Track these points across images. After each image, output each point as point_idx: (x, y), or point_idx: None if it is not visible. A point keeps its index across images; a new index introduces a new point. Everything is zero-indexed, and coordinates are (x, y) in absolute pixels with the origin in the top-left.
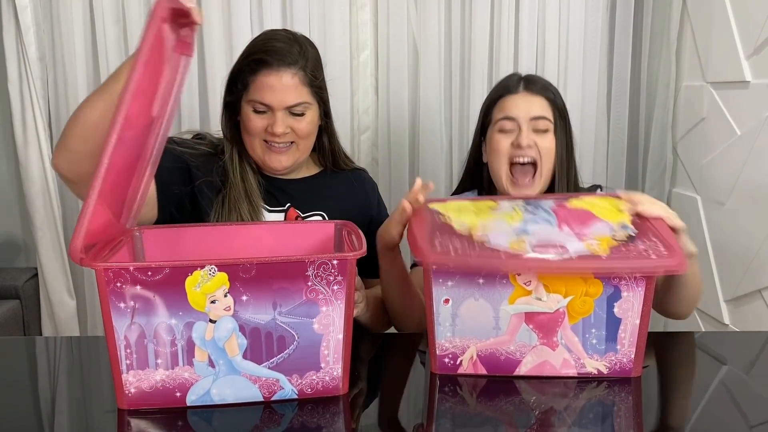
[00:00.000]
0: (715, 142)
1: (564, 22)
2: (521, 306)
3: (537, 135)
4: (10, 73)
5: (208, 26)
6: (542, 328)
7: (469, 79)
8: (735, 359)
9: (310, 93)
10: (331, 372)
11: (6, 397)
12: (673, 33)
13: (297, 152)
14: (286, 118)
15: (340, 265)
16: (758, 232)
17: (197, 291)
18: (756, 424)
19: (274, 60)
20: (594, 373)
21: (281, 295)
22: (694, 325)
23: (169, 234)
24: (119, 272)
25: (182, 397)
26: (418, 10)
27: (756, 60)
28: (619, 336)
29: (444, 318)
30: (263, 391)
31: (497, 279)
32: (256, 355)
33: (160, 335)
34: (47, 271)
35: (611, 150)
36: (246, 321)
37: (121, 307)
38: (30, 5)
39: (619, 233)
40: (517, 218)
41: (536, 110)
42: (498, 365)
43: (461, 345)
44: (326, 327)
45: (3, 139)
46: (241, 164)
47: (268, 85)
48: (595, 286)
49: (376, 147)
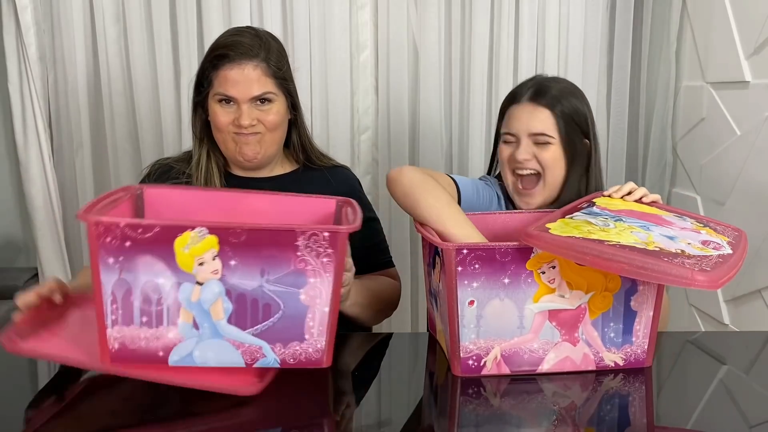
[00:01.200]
0: (714, 142)
1: (564, 22)
2: (545, 304)
3: (537, 147)
4: (10, 73)
5: (208, 26)
6: (565, 324)
7: (469, 79)
8: (735, 359)
9: (274, 84)
10: (315, 344)
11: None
12: (673, 33)
13: (265, 143)
14: (251, 111)
15: (331, 238)
16: (758, 232)
17: (186, 252)
18: (756, 424)
19: (235, 53)
20: (611, 366)
21: (270, 262)
22: (694, 325)
23: (170, 194)
24: (109, 227)
25: (165, 356)
26: (418, 10)
27: (756, 60)
28: (635, 328)
29: (469, 320)
30: (246, 357)
31: (522, 278)
32: (240, 321)
33: (147, 293)
34: (47, 271)
35: (611, 150)
36: (233, 286)
37: (109, 262)
38: (30, 5)
39: None
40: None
41: (536, 126)
42: (521, 363)
43: (485, 346)
44: (313, 299)
45: (3, 139)
46: (207, 164)
47: (231, 78)
48: (614, 281)
49: (376, 147)
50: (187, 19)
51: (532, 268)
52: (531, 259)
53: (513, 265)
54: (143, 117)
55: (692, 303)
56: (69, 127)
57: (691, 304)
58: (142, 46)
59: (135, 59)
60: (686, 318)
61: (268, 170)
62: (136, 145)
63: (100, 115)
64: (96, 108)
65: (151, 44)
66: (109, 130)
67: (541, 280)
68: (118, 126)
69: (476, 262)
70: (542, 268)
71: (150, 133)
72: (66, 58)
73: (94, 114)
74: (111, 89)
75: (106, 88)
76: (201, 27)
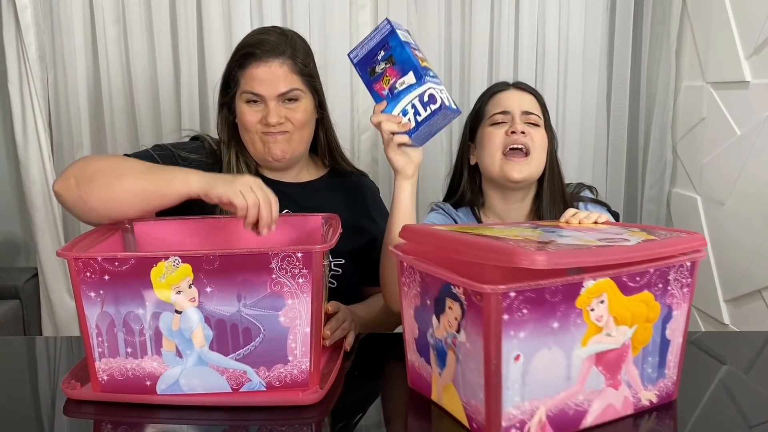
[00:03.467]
0: (714, 142)
1: (564, 23)
2: (593, 347)
3: (529, 127)
4: (10, 73)
5: (208, 26)
6: (610, 367)
7: (469, 79)
8: (735, 359)
9: (301, 81)
10: (299, 365)
11: (6, 397)
12: (673, 33)
13: (294, 142)
14: (279, 108)
15: (305, 258)
16: (758, 232)
17: (163, 281)
18: (756, 424)
19: (261, 51)
20: (647, 406)
21: (246, 287)
22: (694, 325)
23: (158, 227)
24: (88, 262)
25: (152, 386)
26: (418, 10)
27: (756, 60)
28: (668, 359)
29: (513, 380)
30: (231, 382)
31: (572, 319)
32: (222, 347)
33: (129, 324)
34: (47, 271)
35: (611, 150)
36: (211, 312)
37: (91, 296)
38: (30, 5)
39: None
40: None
41: (528, 105)
42: (566, 422)
43: (530, 409)
44: (293, 320)
45: (3, 139)
46: (238, 166)
47: (258, 76)
48: (654, 310)
49: (376, 147)
50: (187, 19)
51: (581, 306)
52: (581, 296)
53: (563, 305)
54: (143, 117)
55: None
56: (69, 127)
57: (691, 304)
58: (142, 46)
59: (135, 59)
60: None
61: (297, 174)
62: (136, 144)
63: (100, 115)
64: (96, 108)
65: (151, 44)
66: (109, 130)
67: (590, 318)
68: (118, 126)
69: (524, 306)
70: (591, 304)
71: (150, 133)
72: (66, 58)
73: (94, 114)
74: (111, 89)
75: (106, 88)
76: (201, 27)
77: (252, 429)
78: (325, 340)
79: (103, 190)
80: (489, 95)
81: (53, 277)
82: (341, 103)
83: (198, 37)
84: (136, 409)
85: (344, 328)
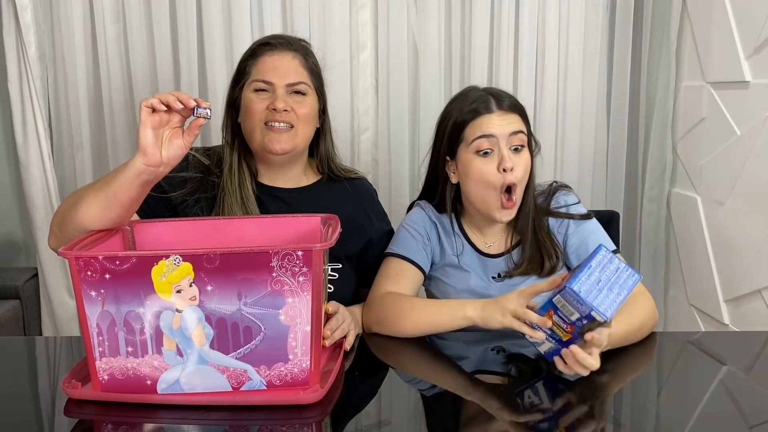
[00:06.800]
0: (714, 142)
1: (564, 22)
2: None
3: (515, 154)
4: (10, 72)
5: (208, 26)
6: None
7: (469, 79)
8: (735, 359)
9: (310, 78)
10: (300, 364)
11: (6, 397)
12: (673, 33)
13: (296, 137)
14: (287, 97)
15: (305, 256)
16: (758, 232)
17: (163, 280)
18: (756, 424)
19: (276, 43)
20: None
21: (246, 285)
22: (694, 325)
23: (158, 228)
24: (89, 261)
25: (153, 385)
26: (418, 10)
27: (756, 60)
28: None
29: None
30: (232, 381)
31: None
32: (222, 346)
33: (130, 323)
34: (47, 271)
35: (611, 150)
36: (211, 311)
37: (92, 295)
38: (30, 5)
39: None
40: None
41: (513, 126)
42: None
43: None
44: (293, 318)
45: (3, 139)
46: (239, 170)
47: (270, 64)
48: None
49: (376, 147)
50: (187, 19)
51: None
52: None
53: None
54: None
55: (692, 303)
56: (69, 127)
57: (691, 304)
58: (142, 46)
59: (135, 59)
60: (686, 318)
61: (293, 179)
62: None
63: (100, 115)
64: (96, 108)
65: (151, 44)
66: (109, 130)
67: None
68: (118, 126)
69: None
70: None
71: None
72: (66, 58)
73: (94, 114)
74: (111, 89)
75: (106, 88)
76: (201, 27)
77: (252, 428)
78: (325, 340)
79: (69, 221)
80: (471, 115)
81: (53, 277)
82: (341, 103)
83: (198, 37)
84: (137, 409)
85: (344, 328)
